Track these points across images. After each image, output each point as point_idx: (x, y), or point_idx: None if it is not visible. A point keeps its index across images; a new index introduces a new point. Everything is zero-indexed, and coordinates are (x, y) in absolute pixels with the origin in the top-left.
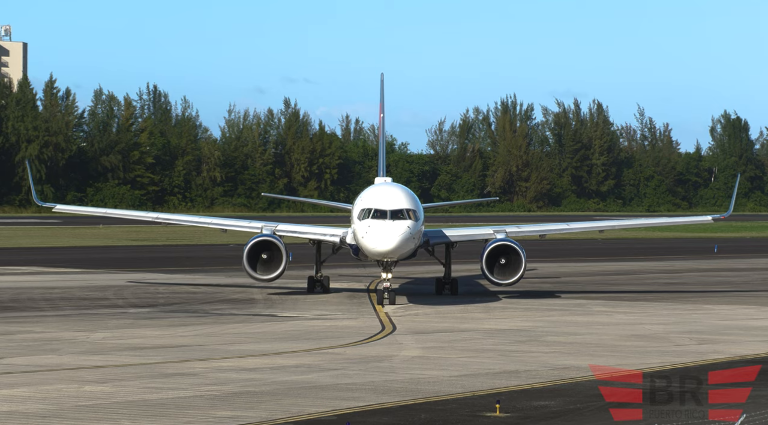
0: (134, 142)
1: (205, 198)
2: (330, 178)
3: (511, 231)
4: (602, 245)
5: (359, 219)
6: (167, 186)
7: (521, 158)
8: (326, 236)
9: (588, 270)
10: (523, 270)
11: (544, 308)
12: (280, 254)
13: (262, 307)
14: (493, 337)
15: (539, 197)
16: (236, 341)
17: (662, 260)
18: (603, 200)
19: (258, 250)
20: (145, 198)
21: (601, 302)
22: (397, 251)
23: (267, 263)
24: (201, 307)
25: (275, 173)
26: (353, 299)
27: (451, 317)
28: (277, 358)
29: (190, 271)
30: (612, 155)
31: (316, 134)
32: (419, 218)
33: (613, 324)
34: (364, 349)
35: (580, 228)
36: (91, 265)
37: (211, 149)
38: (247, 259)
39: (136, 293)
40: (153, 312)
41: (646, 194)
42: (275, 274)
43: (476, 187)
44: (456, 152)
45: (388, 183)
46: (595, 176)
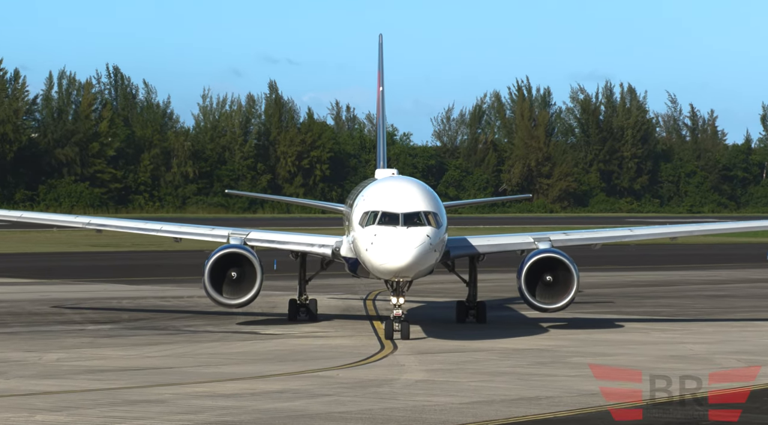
0: (93, 132)
1: (176, 197)
2: (320, 174)
3: (557, 239)
4: (635, 251)
5: (361, 225)
6: (132, 183)
7: (541, 151)
8: (314, 246)
9: (619, 281)
10: (575, 291)
11: (568, 323)
12: (253, 271)
13: (243, 323)
14: (510, 358)
15: (563, 195)
16: (212, 362)
17: (705, 269)
18: (637, 200)
19: (224, 266)
20: (107, 197)
21: (636, 317)
22: (413, 269)
23: (236, 283)
24: (171, 323)
25: (257, 168)
26: (347, 311)
27: (461, 333)
28: (259, 382)
29: (159, 282)
30: (647, 147)
31: (305, 123)
32: (442, 224)
33: (649, 343)
34: (361, 372)
35: (648, 235)
36: (44, 274)
37: (183, 141)
38: (209, 278)
39: (96, 308)
40: (116, 329)
41: (687, 192)
42: (247, 297)
43: (489, 184)
44: (466, 143)
45: (398, 177)
46: (627, 171)
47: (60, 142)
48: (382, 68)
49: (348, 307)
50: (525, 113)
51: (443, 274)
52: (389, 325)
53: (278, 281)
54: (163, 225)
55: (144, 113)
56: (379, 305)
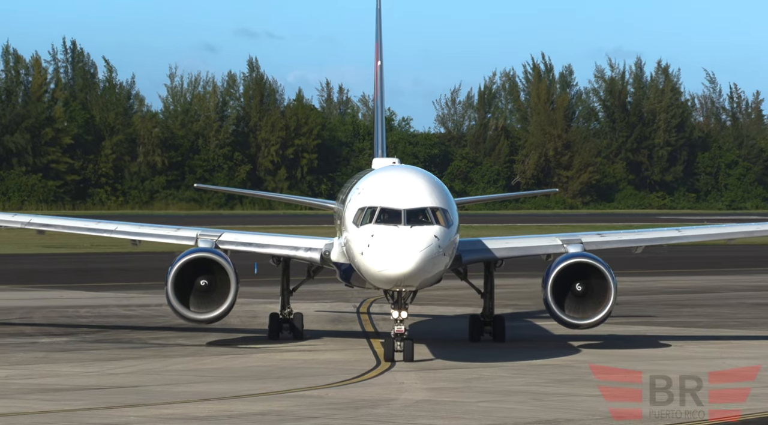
0: (47, 117)
1: (143, 191)
2: (308, 165)
3: (590, 242)
4: (668, 253)
5: (356, 225)
6: (91, 175)
7: (560, 139)
8: (299, 250)
9: (650, 287)
10: (612, 304)
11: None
12: (227, 280)
13: (218, 336)
14: (524, 374)
15: (585, 189)
16: (183, 380)
17: (748, 274)
18: (670, 194)
19: (191, 273)
20: (62, 191)
21: (668, 328)
22: (417, 277)
23: (206, 294)
24: (137, 336)
25: (235, 157)
26: (337, 325)
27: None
28: (237, 403)
29: (123, 288)
30: (682, 134)
31: (290, 107)
32: (452, 223)
33: (683, 358)
34: (354, 390)
35: (700, 236)
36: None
37: (150, 127)
38: (173, 288)
39: (50, 317)
40: (73, 342)
41: (727, 185)
42: (219, 311)
43: (501, 176)
44: (474, 130)
45: (400, 166)
46: (658, 161)
47: (8, 128)
48: (381, 38)
49: (339, 319)
50: (541, 94)
51: (454, 279)
52: (390, 344)
53: (260, 287)
54: (118, 225)
55: (105, 95)
56: (376, 316)
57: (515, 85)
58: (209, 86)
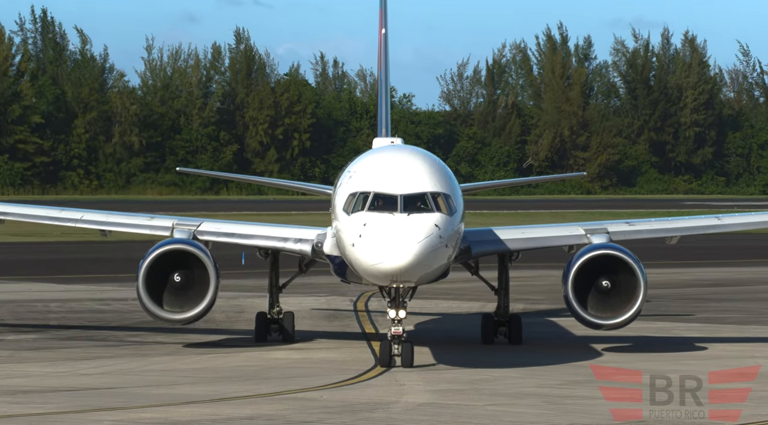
0: (12, 92)
1: (119, 174)
2: (300, 146)
3: (618, 231)
4: (695, 243)
5: (346, 212)
6: (62, 157)
7: (577, 117)
8: (287, 242)
9: (675, 280)
10: (641, 301)
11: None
12: (205, 275)
13: (202, 332)
14: (536, 375)
15: (604, 172)
16: (164, 381)
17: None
18: (697, 178)
19: (166, 268)
20: (31, 174)
21: (696, 325)
22: (416, 271)
23: (182, 291)
24: (112, 332)
25: (221, 137)
26: (333, 322)
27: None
28: (222, 406)
29: (96, 280)
30: (711, 112)
31: (280, 82)
32: (456, 210)
33: (712, 358)
34: (350, 393)
35: (743, 224)
36: None
37: (127, 104)
38: (144, 285)
39: (17, 312)
40: (42, 340)
41: (760, 168)
42: (196, 311)
43: (511, 158)
44: (482, 108)
45: (397, 146)
46: (684, 141)
47: None
48: (386, 3)
49: (335, 315)
50: (556, 68)
51: (462, 270)
52: (386, 347)
53: (248, 280)
54: (84, 213)
55: (78, 69)
56: (375, 313)
57: (527, 59)
58: (191, 59)
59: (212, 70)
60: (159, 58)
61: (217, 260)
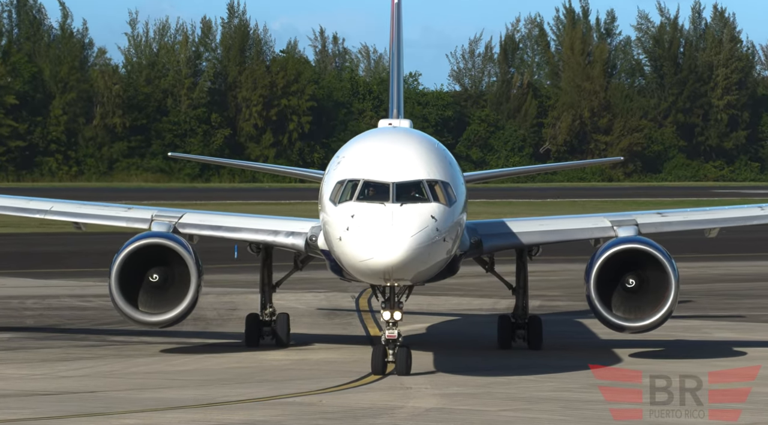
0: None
1: (100, 160)
2: (298, 129)
3: (648, 223)
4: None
5: (333, 202)
6: (39, 141)
7: (598, 97)
8: (279, 235)
9: (702, 274)
10: (673, 301)
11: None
12: (186, 273)
13: (191, 330)
14: (553, 378)
15: (628, 158)
16: (149, 385)
17: None
18: (729, 163)
19: (141, 264)
20: (5, 160)
21: (725, 324)
22: (410, 268)
23: (160, 290)
24: (93, 332)
25: (212, 120)
26: (333, 320)
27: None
28: (213, 411)
29: (76, 275)
30: (744, 92)
31: (276, 60)
32: (456, 200)
33: (742, 360)
34: (352, 397)
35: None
36: None
37: (110, 83)
38: (117, 283)
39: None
40: (17, 339)
41: None
42: (175, 312)
43: (527, 143)
44: (495, 87)
45: (392, 128)
46: (715, 124)
47: None
48: None
49: (335, 313)
50: (576, 45)
51: (473, 264)
52: (379, 352)
53: (240, 274)
54: (54, 204)
55: (57, 45)
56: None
57: (544, 34)
58: (179, 35)
59: (202, 46)
60: (144, 33)
61: (201, 255)
